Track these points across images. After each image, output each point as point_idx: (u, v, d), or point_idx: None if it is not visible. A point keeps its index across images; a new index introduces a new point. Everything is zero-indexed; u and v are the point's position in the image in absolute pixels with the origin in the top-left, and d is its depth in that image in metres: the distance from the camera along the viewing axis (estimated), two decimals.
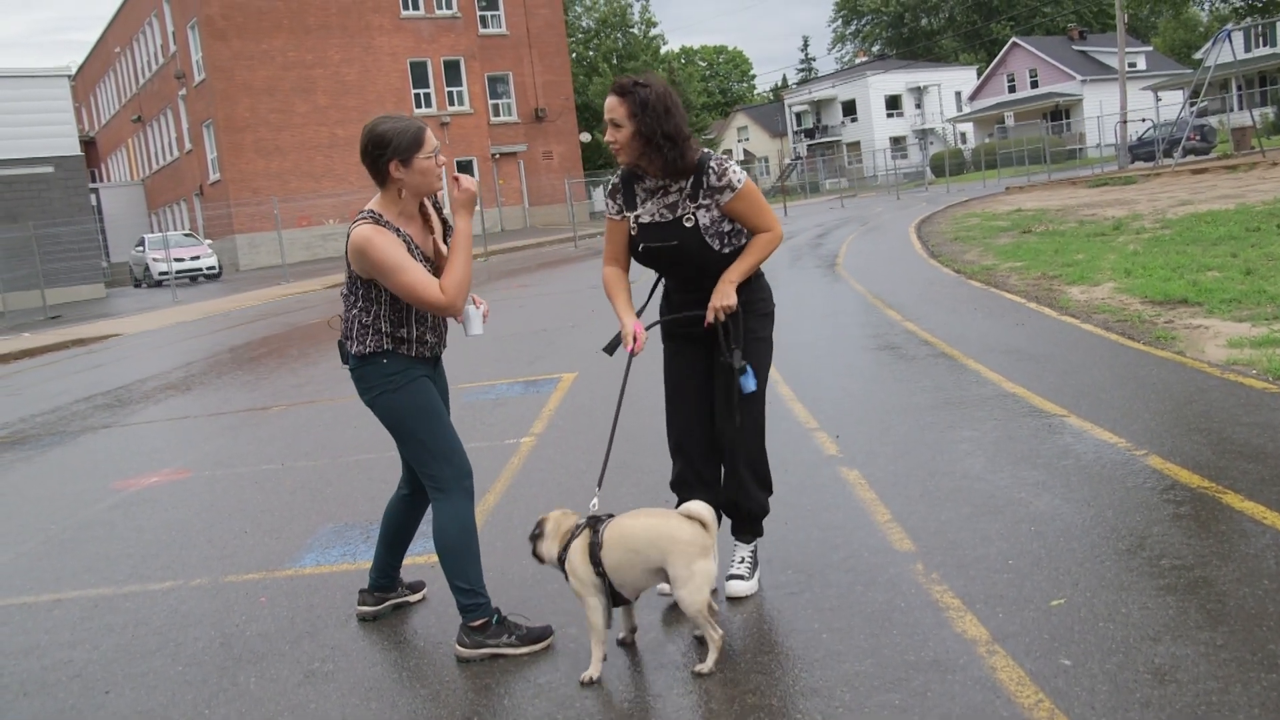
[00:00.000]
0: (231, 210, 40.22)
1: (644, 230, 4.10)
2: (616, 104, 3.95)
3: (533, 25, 50.31)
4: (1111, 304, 9.97)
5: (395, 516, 4.33)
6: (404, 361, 3.94)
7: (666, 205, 4.06)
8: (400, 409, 3.95)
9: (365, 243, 3.77)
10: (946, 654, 3.49)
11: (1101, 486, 4.99)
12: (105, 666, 4.21)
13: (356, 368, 3.97)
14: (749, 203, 4.07)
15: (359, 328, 3.93)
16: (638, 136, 3.93)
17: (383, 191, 3.90)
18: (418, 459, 4.00)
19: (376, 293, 3.89)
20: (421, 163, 3.82)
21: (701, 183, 4.01)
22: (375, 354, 3.91)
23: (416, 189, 3.88)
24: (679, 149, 3.95)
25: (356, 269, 3.86)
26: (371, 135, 3.82)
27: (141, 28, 49.54)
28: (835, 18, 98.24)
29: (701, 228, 4.02)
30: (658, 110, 3.91)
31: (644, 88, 3.94)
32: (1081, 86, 67.68)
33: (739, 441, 4.22)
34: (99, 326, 22.45)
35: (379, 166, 3.83)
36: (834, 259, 18.73)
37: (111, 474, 7.78)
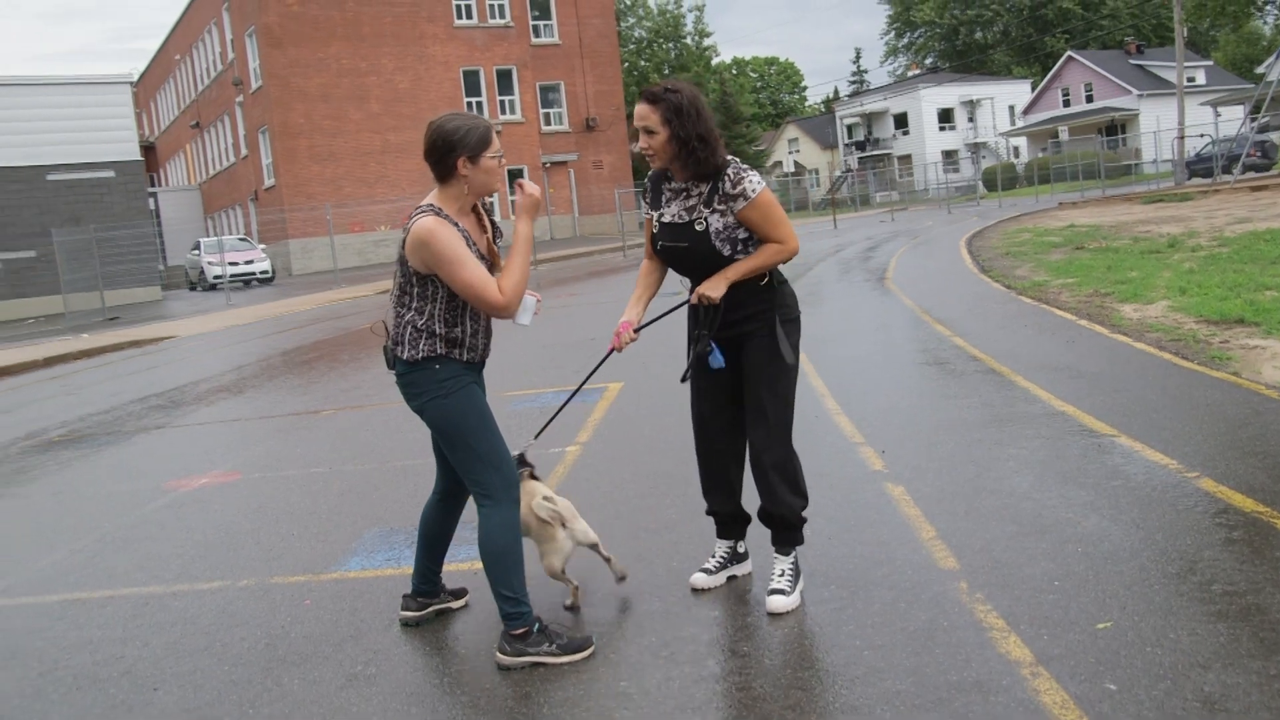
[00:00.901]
0: (285, 215, 40.72)
1: (663, 229, 4.24)
2: (648, 111, 4.06)
3: (585, 35, 50.54)
4: (1165, 323, 9.83)
5: (432, 521, 4.37)
6: (456, 367, 3.97)
7: (686, 208, 4.17)
8: (452, 415, 3.96)
9: (429, 234, 3.79)
10: (989, 675, 3.46)
11: (1151, 508, 4.92)
12: (154, 664, 4.27)
13: (406, 373, 3.98)
14: (762, 213, 4.12)
15: (411, 332, 3.94)
16: (673, 141, 4.05)
17: (442, 188, 3.94)
18: (466, 466, 4.01)
19: (433, 290, 3.91)
20: (488, 161, 3.90)
21: (718, 189, 4.10)
22: (428, 359, 3.93)
23: (480, 187, 3.94)
24: (710, 148, 4.07)
25: (415, 262, 3.87)
26: (441, 131, 3.87)
27: (201, 35, 50.35)
28: (888, 30, 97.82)
29: (712, 232, 4.10)
30: (690, 114, 4.03)
31: (674, 93, 4.06)
32: (1138, 101, 66.87)
33: (766, 447, 4.24)
34: (155, 328, 22.81)
35: (447, 162, 3.87)
36: (883, 272, 18.63)
37: (164, 474, 7.90)
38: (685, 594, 4.44)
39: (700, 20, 79.56)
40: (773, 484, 4.26)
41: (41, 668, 4.36)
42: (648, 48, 74.67)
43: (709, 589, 4.43)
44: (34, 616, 5.02)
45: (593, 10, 51.01)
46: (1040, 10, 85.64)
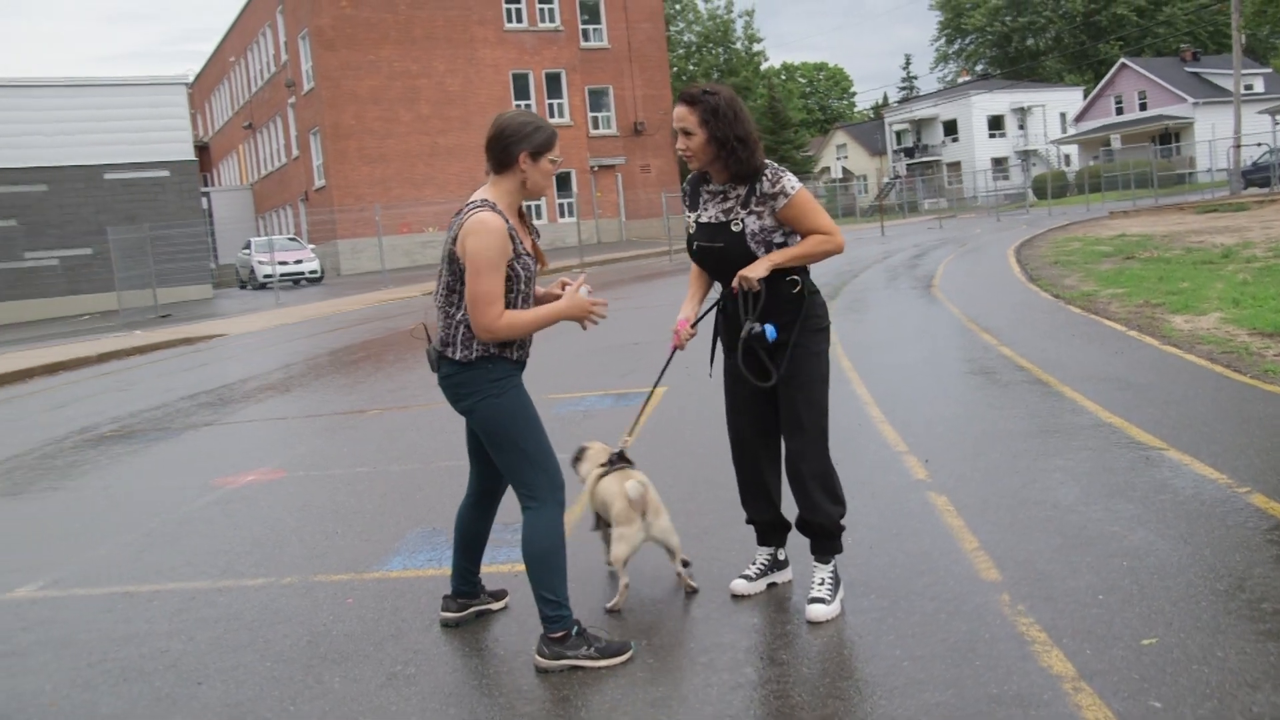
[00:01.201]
0: (335, 216, 41.12)
1: (699, 230, 4.26)
2: (686, 113, 4.09)
3: (634, 39, 50.63)
4: (1217, 334, 9.69)
5: (468, 523, 4.39)
6: (506, 366, 3.99)
7: (723, 209, 4.18)
8: (504, 415, 3.97)
9: (481, 226, 3.81)
10: (1030, 689, 3.43)
11: (1200, 523, 4.85)
12: (199, 658, 4.33)
13: (456, 373, 3.97)
14: (801, 209, 4.13)
15: (465, 331, 3.94)
16: (711, 142, 4.07)
17: (497, 179, 3.97)
18: (514, 467, 4.01)
19: None
20: (546, 164, 3.98)
21: (756, 190, 4.11)
22: (482, 359, 3.95)
23: (534, 186, 3.99)
24: (750, 149, 4.09)
25: (461, 250, 3.88)
26: (511, 123, 3.94)
27: (256, 38, 50.99)
28: (938, 36, 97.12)
29: (748, 234, 4.11)
30: (728, 116, 4.05)
31: (712, 95, 4.08)
32: (1193, 109, 65.89)
33: (802, 456, 4.24)
34: (205, 326, 23.11)
35: (510, 153, 3.92)
36: (930, 280, 18.50)
37: (211, 471, 8.00)
38: (725, 600, 4.43)
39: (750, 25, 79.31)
40: (811, 493, 4.25)
41: (91, 659, 4.43)
42: (696, 52, 74.62)
43: (749, 595, 4.43)
44: (84, 608, 5.10)
45: (642, 15, 51.08)
46: (1094, 17, 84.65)
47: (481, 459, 4.31)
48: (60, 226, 31.86)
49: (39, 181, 31.54)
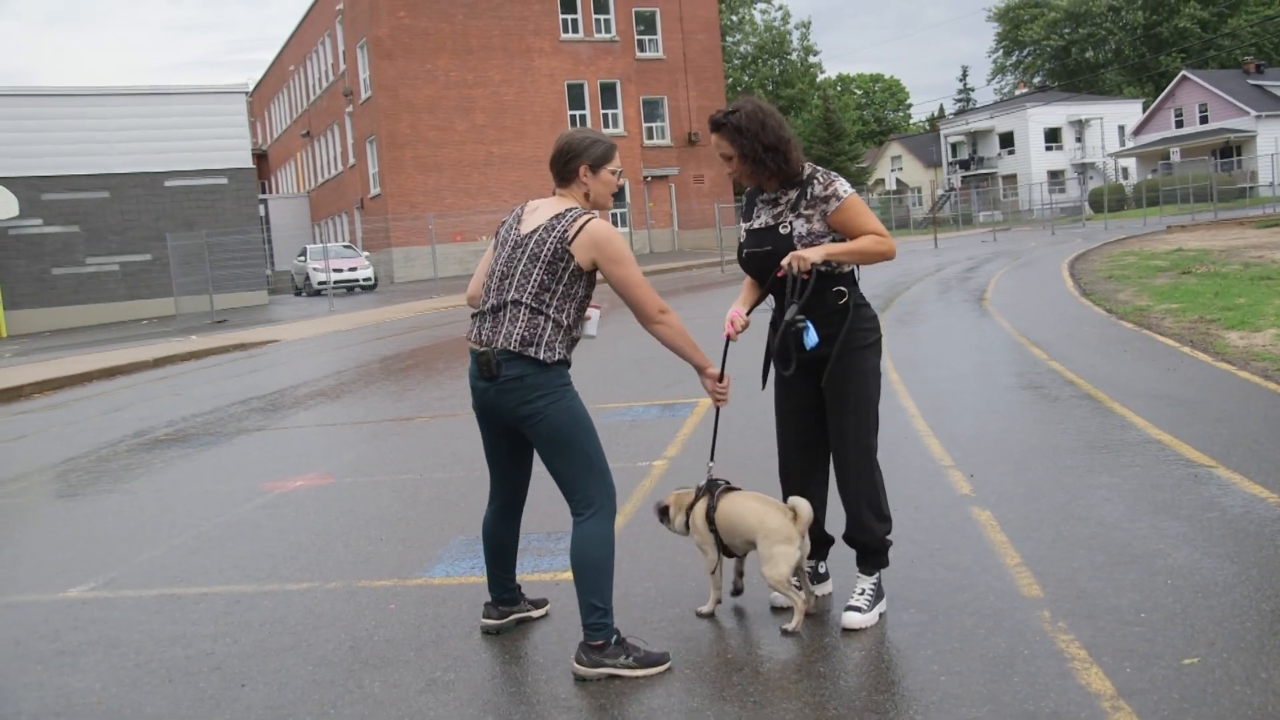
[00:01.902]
0: (389, 224, 41.51)
1: (750, 236, 4.30)
2: (718, 140, 4.22)
3: (689, 50, 50.68)
4: (1273, 351, 9.53)
5: (496, 536, 4.43)
6: (569, 372, 4.07)
7: (773, 215, 4.23)
8: (574, 419, 4.01)
9: (612, 233, 4.03)
10: (1068, 706, 3.40)
11: (1247, 543, 4.78)
12: (243, 660, 4.40)
13: (534, 374, 3.96)
14: (854, 212, 4.16)
15: (553, 330, 3.99)
16: (744, 160, 4.17)
17: (562, 194, 4.15)
18: (575, 474, 4.02)
19: (578, 291, 4.04)
20: (606, 175, 4.15)
21: (806, 194, 4.15)
22: (560, 361, 4.01)
23: (597, 198, 4.16)
24: (782, 155, 4.14)
25: (582, 260, 3.97)
26: (571, 140, 4.15)
27: (315, 47, 51.67)
28: (996, 48, 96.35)
29: (796, 236, 4.13)
30: (751, 129, 4.12)
31: (733, 114, 4.17)
32: (1256, 122, 64.78)
33: (851, 475, 4.27)
34: (260, 332, 23.43)
35: (571, 166, 4.11)
36: (982, 293, 18.35)
37: (260, 475, 8.12)
38: (765, 612, 4.44)
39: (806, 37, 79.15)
40: (860, 512, 4.28)
41: (139, 659, 4.52)
42: (752, 64, 74.62)
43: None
44: (133, 609, 5.21)
45: (697, 26, 51.14)
46: (1155, 29, 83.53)
47: (506, 469, 4.34)
48: (121, 233, 32.44)
49: (101, 188, 32.15)
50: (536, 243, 4.02)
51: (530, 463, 4.34)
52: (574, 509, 4.05)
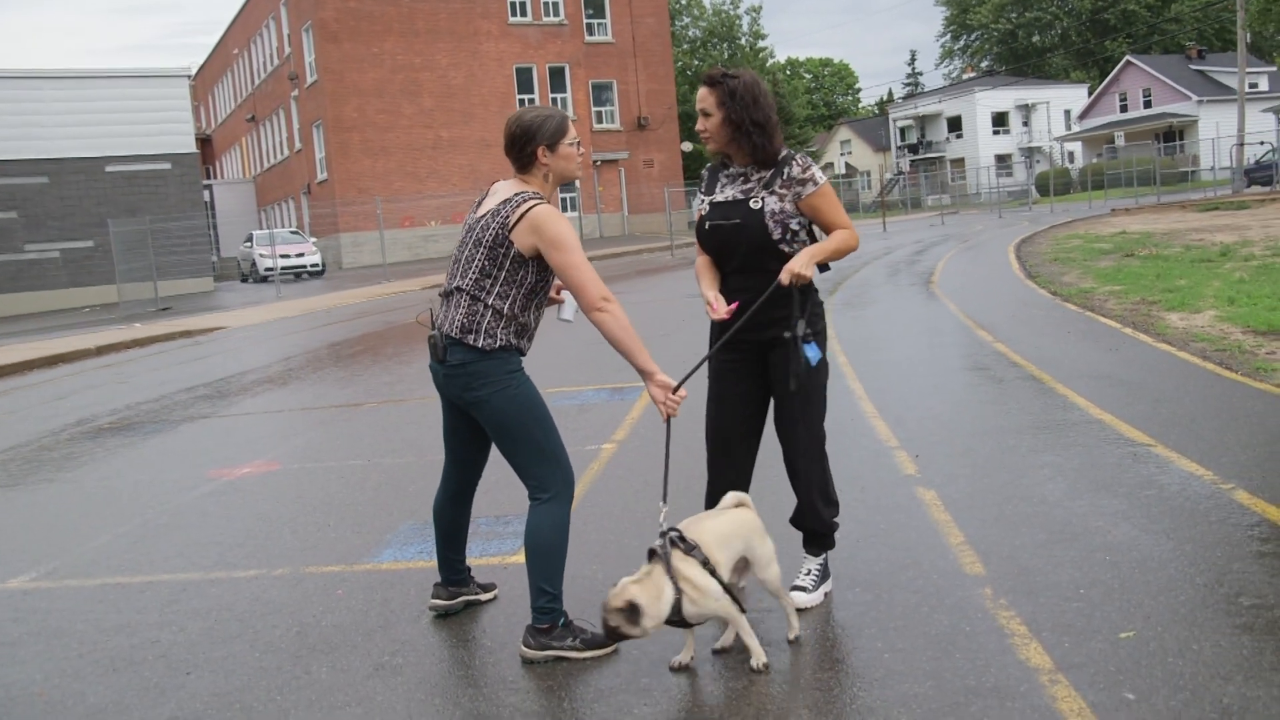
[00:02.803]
0: (337, 209, 41.15)
1: (713, 208, 4.23)
2: (707, 94, 4.15)
3: (638, 34, 50.57)
4: (1211, 332, 9.72)
5: (447, 519, 4.41)
6: (517, 359, 4.03)
7: (743, 190, 4.19)
8: (520, 407, 3.98)
9: (553, 216, 3.90)
10: (1008, 681, 3.47)
11: (1183, 519, 4.89)
12: (189, 648, 4.37)
13: (475, 361, 3.94)
14: (828, 201, 4.17)
15: (492, 317, 3.95)
16: (727, 123, 4.11)
17: (524, 179, 4.05)
18: (528, 460, 4.01)
19: (522, 276, 3.95)
20: (565, 148, 4.04)
21: (782, 174, 4.14)
22: (503, 349, 3.96)
23: (560, 173, 4.07)
24: (767, 135, 4.12)
25: (523, 246, 3.90)
26: (520, 122, 4.01)
27: (259, 30, 51.01)
28: (944, 33, 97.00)
29: (767, 212, 4.11)
30: (745, 99, 4.08)
31: (732, 78, 4.13)
32: (1197, 107, 65.79)
33: (801, 462, 4.27)
34: (206, 319, 23.15)
35: (527, 151, 4.00)
36: (929, 276, 18.53)
37: (207, 463, 8.04)
38: None
39: (756, 21, 79.03)
40: (812, 499, 4.29)
41: (81, 649, 4.47)
42: (701, 47, 74.51)
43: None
44: (76, 599, 5.14)
45: (646, 9, 51.03)
46: (1101, 14, 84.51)
47: (461, 453, 4.32)
48: (61, 219, 31.90)
49: (39, 174, 31.58)
50: (482, 228, 3.99)
51: (486, 450, 4.32)
52: (529, 493, 4.05)
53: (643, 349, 3.97)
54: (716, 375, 4.36)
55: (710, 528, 3.82)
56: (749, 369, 4.28)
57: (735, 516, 3.90)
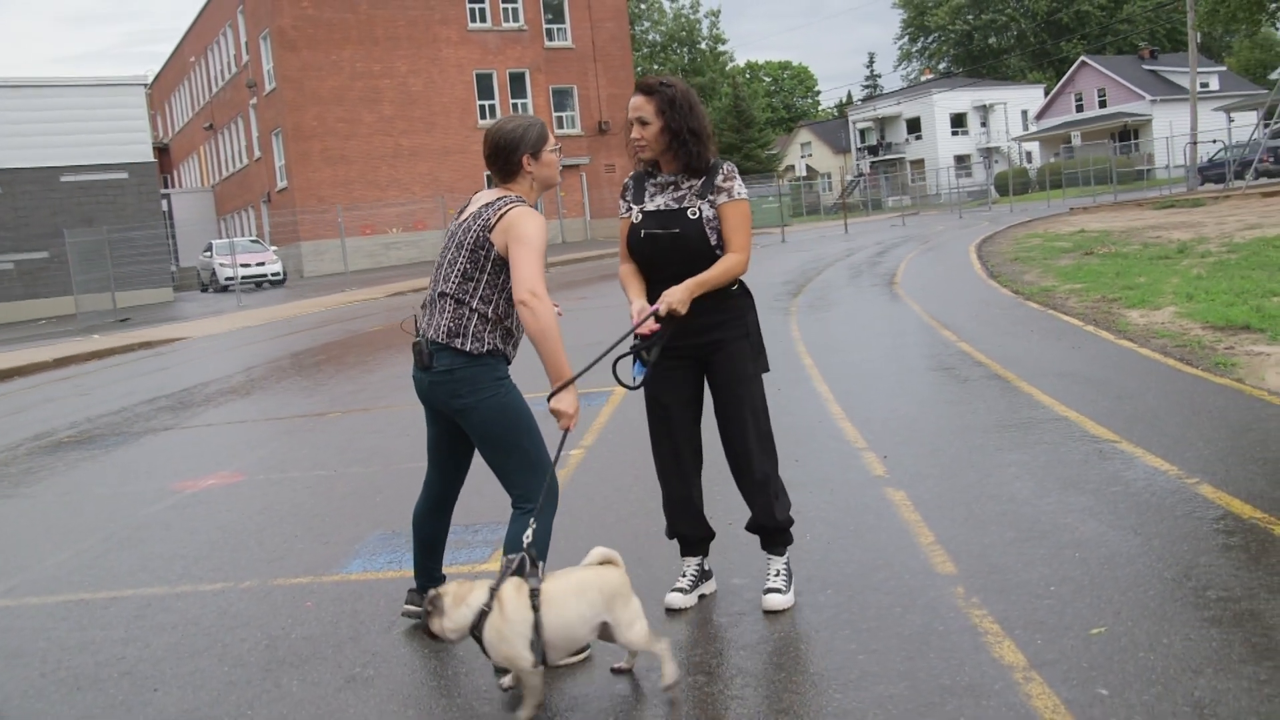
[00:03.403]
0: (297, 217, 40.89)
1: (648, 217, 4.21)
2: (643, 102, 4.13)
3: (598, 39, 50.60)
4: (1171, 328, 9.82)
5: (428, 528, 4.35)
6: (505, 365, 3.99)
7: (675, 198, 4.19)
8: (509, 414, 3.94)
9: (526, 215, 3.86)
10: (982, 679, 3.47)
11: (1150, 514, 4.93)
12: (155, 664, 4.31)
13: (462, 367, 3.89)
14: (738, 215, 4.16)
15: (478, 322, 3.91)
16: (665, 132, 4.12)
17: (509, 187, 4.02)
18: (513, 469, 3.97)
19: (504, 280, 3.91)
20: (548, 155, 4.05)
21: (711, 182, 4.16)
22: (491, 353, 3.92)
23: (544, 180, 4.07)
24: (702, 144, 4.13)
25: (500, 245, 3.86)
26: (501, 133, 3.99)
27: (216, 38, 50.60)
28: (901, 35, 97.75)
29: (705, 219, 4.13)
30: (683, 107, 4.11)
31: (669, 87, 4.15)
32: (1151, 106, 66.64)
33: (756, 463, 4.25)
34: (166, 330, 22.91)
35: (512, 161, 3.98)
36: (892, 277, 18.63)
37: (170, 475, 7.95)
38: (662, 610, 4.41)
39: (715, 25, 79.31)
40: (769, 499, 4.28)
41: (44, 668, 4.39)
42: (662, 52, 74.69)
43: (685, 609, 4.33)
44: (38, 617, 5.06)
45: (606, 14, 51.07)
46: (1055, 15, 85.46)
47: (444, 464, 4.27)
48: (15, 229, 31.47)
49: None
50: (464, 231, 3.97)
51: (468, 461, 4.27)
52: (513, 502, 4.01)
53: (559, 353, 3.84)
54: (656, 383, 4.27)
55: (573, 580, 3.61)
56: (688, 375, 4.27)
57: (600, 574, 3.62)
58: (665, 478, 4.39)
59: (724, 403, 4.27)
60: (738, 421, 4.25)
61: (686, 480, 4.35)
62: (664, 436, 4.35)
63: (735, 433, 4.27)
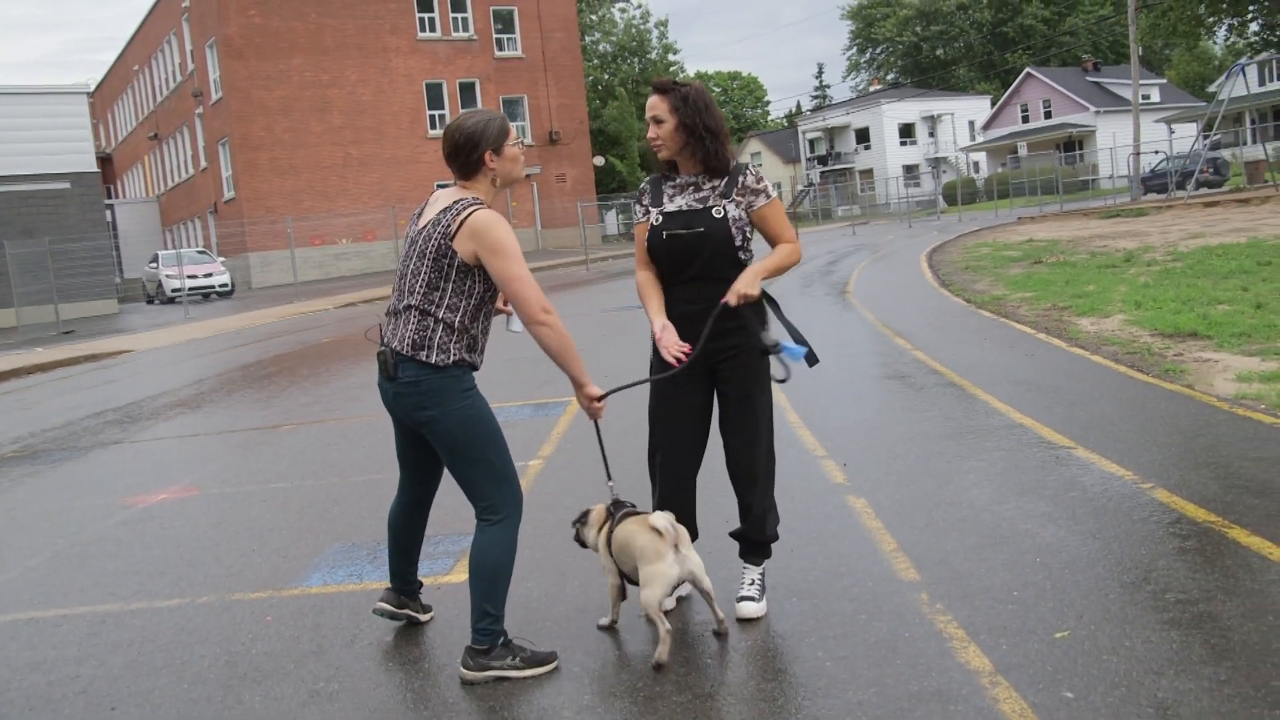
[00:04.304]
0: (245, 228, 40.43)
1: (669, 218, 4.17)
2: (658, 101, 4.13)
3: (548, 49, 50.57)
4: (1121, 336, 9.97)
5: (401, 528, 4.30)
6: (471, 377, 3.93)
7: (697, 198, 4.17)
8: (475, 425, 3.88)
9: (493, 222, 3.80)
10: (949, 685, 3.50)
11: (1107, 519, 4.99)
12: (111, 683, 4.22)
13: (426, 378, 3.83)
14: (777, 213, 4.22)
15: (443, 332, 3.84)
16: (681, 129, 4.10)
17: (469, 185, 3.95)
18: (479, 481, 3.91)
19: (469, 287, 3.85)
20: (510, 150, 3.96)
21: (737, 183, 4.15)
22: (457, 364, 3.85)
23: (506, 176, 3.99)
24: (720, 142, 4.13)
25: (465, 254, 3.80)
26: (462, 129, 3.90)
27: (160, 46, 49.98)
28: (850, 46, 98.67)
29: (731, 219, 4.12)
30: (698, 105, 4.10)
31: (684, 86, 4.15)
32: (1095, 118, 67.77)
33: (759, 481, 4.27)
34: (111, 342, 22.55)
35: (473, 158, 3.90)
36: (844, 286, 18.77)
37: (121, 490, 7.81)
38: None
39: (665, 35, 79.45)
40: (764, 513, 4.31)
41: None
42: (612, 62, 74.71)
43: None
44: None
45: (556, 24, 51.05)
46: (1001, 27, 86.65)
47: (415, 469, 4.23)
48: None
49: None
50: (424, 239, 3.88)
51: (441, 465, 4.19)
52: (478, 513, 3.96)
53: (579, 360, 3.97)
54: (663, 389, 4.26)
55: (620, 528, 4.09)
56: (697, 382, 4.24)
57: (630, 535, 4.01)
58: (663, 482, 4.33)
59: (734, 412, 4.25)
60: (746, 433, 4.25)
61: (684, 485, 4.33)
62: (671, 438, 4.30)
63: (742, 444, 4.26)
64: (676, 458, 4.30)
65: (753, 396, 4.21)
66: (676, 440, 4.29)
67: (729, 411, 4.28)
